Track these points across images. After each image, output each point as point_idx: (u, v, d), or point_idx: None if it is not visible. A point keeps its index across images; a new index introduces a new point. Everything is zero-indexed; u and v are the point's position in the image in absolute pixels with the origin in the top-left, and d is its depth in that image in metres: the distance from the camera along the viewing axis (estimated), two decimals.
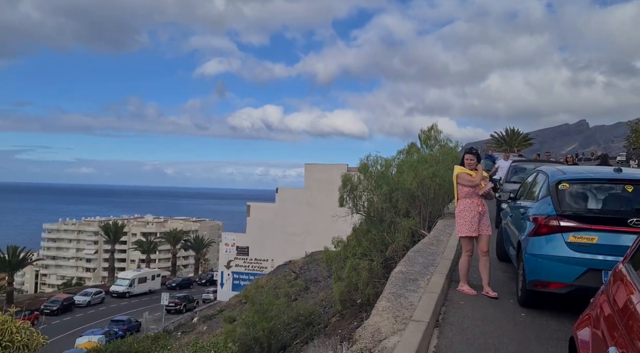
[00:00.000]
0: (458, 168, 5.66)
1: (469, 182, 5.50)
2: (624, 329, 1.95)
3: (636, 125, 38.48)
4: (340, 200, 13.07)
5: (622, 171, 4.89)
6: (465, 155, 5.64)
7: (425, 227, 12.32)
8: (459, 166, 5.66)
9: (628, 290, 2.08)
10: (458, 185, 5.64)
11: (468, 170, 5.54)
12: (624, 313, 2.00)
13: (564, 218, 4.58)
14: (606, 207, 4.66)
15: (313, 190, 45.25)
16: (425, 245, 8.31)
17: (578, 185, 4.87)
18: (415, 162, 12.44)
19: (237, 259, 47.30)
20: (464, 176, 5.52)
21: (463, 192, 5.58)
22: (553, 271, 4.55)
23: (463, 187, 5.57)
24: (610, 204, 4.67)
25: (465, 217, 5.48)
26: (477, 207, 5.47)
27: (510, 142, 49.24)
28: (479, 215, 5.46)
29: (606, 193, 4.76)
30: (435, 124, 18.78)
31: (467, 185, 5.52)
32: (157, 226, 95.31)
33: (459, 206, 5.62)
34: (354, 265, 12.19)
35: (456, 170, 5.67)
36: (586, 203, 4.73)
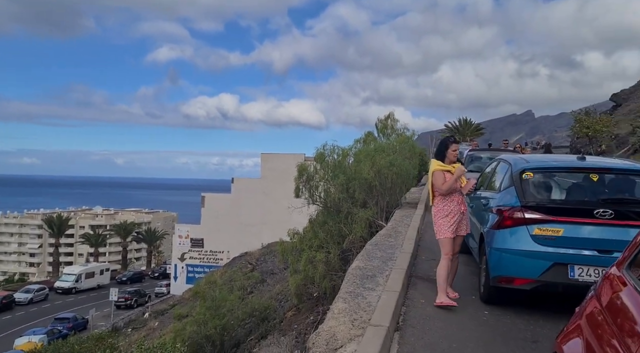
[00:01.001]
0: (435, 163, 4.84)
1: (442, 188, 4.69)
2: (625, 342, 1.62)
3: (579, 115, 40.09)
4: (296, 190, 12.62)
5: (585, 159, 4.70)
6: (449, 145, 4.79)
7: (382, 218, 12.08)
8: (436, 160, 4.84)
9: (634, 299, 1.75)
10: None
11: (447, 165, 4.76)
12: (627, 325, 1.67)
13: (529, 210, 4.33)
14: (571, 197, 4.44)
15: (269, 180, 44.51)
16: (384, 238, 8.01)
17: (542, 174, 4.63)
18: (372, 151, 12.15)
19: (192, 251, 46.06)
20: (439, 176, 4.72)
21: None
22: (517, 266, 4.30)
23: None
24: (576, 194, 4.45)
25: (446, 217, 4.75)
26: (458, 206, 4.75)
27: (464, 132, 50.32)
28: (461, 215, 4.77)
29: (571, 183, 4.54)
30: (392, 113, 18.60)
31: (441, 192, 4.73)
32: (107, 218, 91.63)
33: (437, 205, 4.83)
34: (310, 257, 11.82)
35: (432, 165, 4.88)
36: (551, 193, 4.50)
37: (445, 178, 4.73)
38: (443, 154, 4.82)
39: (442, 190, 4.71)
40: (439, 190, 4.74)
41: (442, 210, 4.78)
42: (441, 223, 4.78)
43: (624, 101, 45.49)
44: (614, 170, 4.48)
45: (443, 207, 4.78)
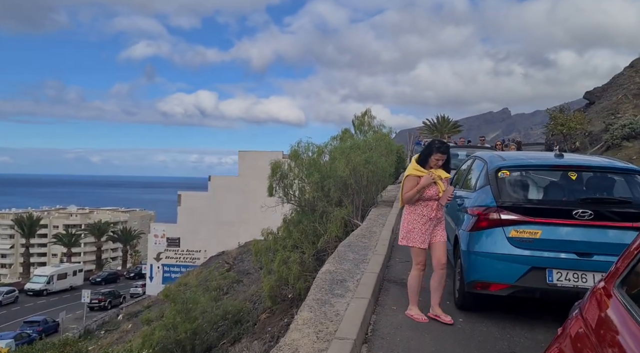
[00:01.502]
0: (412, 166, 4.32)
1: (404, 197, 4.26)
2: None
3: (554, 112, 40.68)
4: (270, 189, 12.25)
5: (563, 156, 4.47)
6: (433, 152, 4.20)
7: (358, 216, 11.82)
8: (414, 162, 4.33)
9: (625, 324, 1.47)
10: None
11: (421, 170, 4.21)
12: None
13: (505, 210, 4.07)
14: (549, 197, 4.20)
15: (247, 178, 43.88)
16: (357, 238, 7.72)
17: (519, 172, 4.38)
18: (347, 149, 11.85)
19: (168, 251, 45.16)
20: (410, 183, 4.22)
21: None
22: (493, 270, 4.04)
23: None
24: (554, 194, 4.22)
25: (415, 223, 4.23)
26: (431, 212, 4.21)
27: (441, 129, 50.55)
28: (434, 221, 4.25)
29: (549, 182, 4.31)
30: (369, 109, 18.35)
31: (404, 201, 4.30)
32: (82, 217, 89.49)
33: (406, 209, 4.34)
34: (284, 258, 11.48)
35: (409, 168, 4.37)
36: (528, 193, 4.25)
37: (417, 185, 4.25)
38: (425, 159, 4.26)
39: (403, 199, 4.27)
40: (401, 198, 4.32)
41: (412, 215, 4.26)
42: (410, 230, 4.27)
43: (597, 99, 46.29)
44: (593, 168, 4.26)
45: (414, 211, 4.26)
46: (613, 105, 43.01)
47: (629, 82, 44.54)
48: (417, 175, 4.22)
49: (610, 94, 46.03)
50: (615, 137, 30.46)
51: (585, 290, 3.87)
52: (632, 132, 31.69)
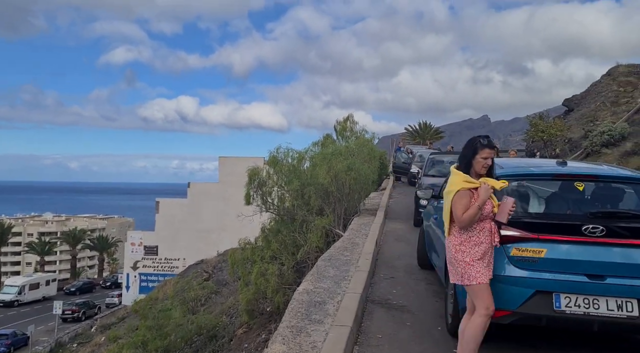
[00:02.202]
0: (458, 177, 3.32)
1: (462, 221, 3.24)
2: None
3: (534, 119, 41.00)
4: (247, 197, 11.64)
5: (567, 164, 4.01)
6: (478, 149, 3.32)
7: (340, 226, 11.29)
8: (458, 171, 3.35)
9: None
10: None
11: (474, 180, 3.27)
12: None
13: (505, 226, 3.58)
14: (554, 210, 3.72)
15: (228, 184, 42.96)
16: (338, 251, 7.18)
17: (519, 182, 3.90)
18: (329, 155, 11.34)
19: (145, 259, 43.93)
20: (463, 199, 3.23)
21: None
22: (494, 295, 3.53)
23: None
24: (560, 207, 3.74)
25: (474, 255, 3.25)
26: (488, 237, 3.31)
27: (423, 135, 50.57)
28: (493, 248, 3.34)
29: (552, 193, 3.83)
30: (351, 115, 17.94)
31: (460, 225, 3.28)
32: (58, 225, 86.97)
33: (455, 238, 3.32)
34: (261, 270, 10.88)
35: (454, 179, 3.34)
36: (530, 205, 3.77)
37: (473, 201, 3.24)
38: (469, 162, 3.32)
39: (462, 223, 3.25)
40: (458, 222, 3.29)
41: (467, 244, 3.28)
42: (469, 264, 3.24)
43: (576, 106, 46.86)
44: (602, 177, 3.79)
45: (468, 239, 3.28)
46: (592, 113, 43.51)
47: (606, 89, 45.17)
48: (470, 188, 3.26)
49: (589, 101, 46.62)
50: (595, 144, 30.63)
51: (597, 318, 3.44)
52: (611, 139, 31.93)
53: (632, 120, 35.36)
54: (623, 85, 45.16)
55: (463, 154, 3.41)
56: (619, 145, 30.21)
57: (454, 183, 3.33)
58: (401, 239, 8.56)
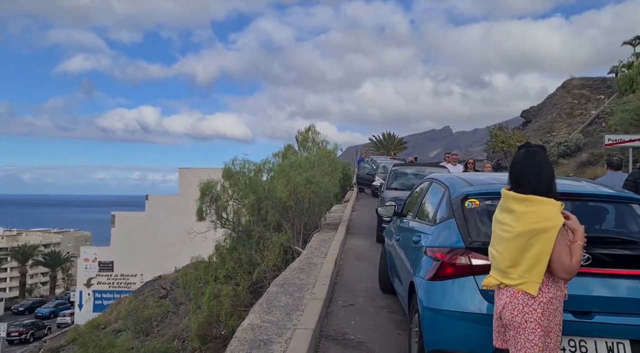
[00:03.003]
0: (553, 206, 2.39)
1: (573, 267, 2.36)
2: None
3: (494, 130, 41.86)
4: (199, 212, 10.86)
5: None
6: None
7: (299, 242, 10.66)
8: (550, 199, 2.40)
9: None
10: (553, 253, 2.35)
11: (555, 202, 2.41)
12: None
13: (477, 253, 3.05)
14: None
15: (188, 196, 41.41)
16: (294, 273, 6.54)
17: (492, 201, 3.39)
18: (287, 167, 10.72)
19: (100, 276, 41.82)
20: (564, 237, 2.38)
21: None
22: (463, 336, 3.00)
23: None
24: None
25: (554, 316, 2.40)
26: (563, 287, 2.47)
27: (387, 146, 50.76)
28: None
29: None
30: (313, 125, 17.39)
31: (570, 273, 2.37)
32: (9, 240, 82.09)
33: (548, 291, 2.39)
34: (214, 292, 10.10)
35: (552, 212, 2.38)
36: None
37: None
38: (549, 185, 2.44)
39: (573, 271, 2.37)
40: (565, 271, 2.35)
41: (556, 302, 2.41)
42: (548, 331, 2.37)
43: (533, 117, 48.19)
44: (586, 196, 3.34)
45: (555, 297, 2.41)
46: (548, 124, 44.83)
47: (561, 101, 46.70)
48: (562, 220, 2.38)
49: (545, 112, 48.06)
50: (552, 155, 31.32)
51: None
52: (567, 149, 32.79)
53: (586, 132, 36.51)
54: (577, 97, 46.80)
55: (537, 169, 2.41)
56: (575, 155, 30.96)
57: (553, 216, 2.33)
58: (362, 257, 8.01)
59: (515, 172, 2.56)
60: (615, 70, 48.10)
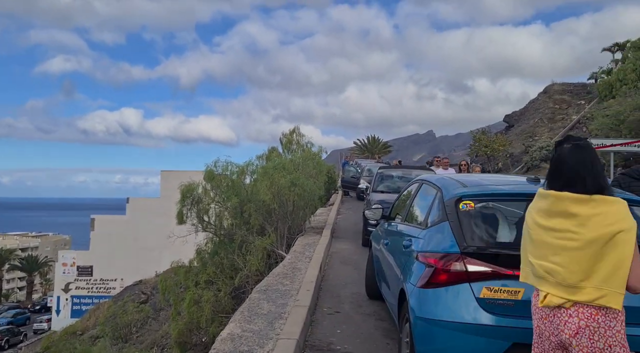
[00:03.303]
0: (624, 206, 2.04)
1: None
2: None
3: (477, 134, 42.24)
4: (179, 216, 10.54)
5: (540, 181, 3.36)
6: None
7: (283, 246, 10.40)
8: (614, 198, 2.06)
9: None
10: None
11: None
12: None
13: (473, 259, 2.85)
14: None
15: (170, 200, 40.76)
16: (277, 279, 6.29)
17: (487, 203, 3.20)
18: (270, 169, 10.46)
19: (78, 281, 40.83)
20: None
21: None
22: (458, 348, 2.79)
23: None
24: None
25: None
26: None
27: (372, 149, 50.83)
28: None
29: (523, 217, 3.16)
30: (297, 127, 17.20)
31: None
32: None
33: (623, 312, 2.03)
34: (195, 297, 9.78)
35: (626, 212, 2.02)
36: (502, 232, 3.06)
37: None
38: (607, 182, 2.12)
39: None
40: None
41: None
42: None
43: (516, 122, 48.73)
44: None
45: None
46: (530, 129, 45.36)
47: (543, 106, 47.33)
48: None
49: (528, 117, 48.65)
50: (535, 159, 31.63)
51: None
52: (549, 154, 33.10)
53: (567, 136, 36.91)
54: (558, 102, 47.50)
55: (592, 165, 2.10)
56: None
57: (626, 216, 2.00)
58: (348, 262, 7.79)
59: (564, 170, 2.13)
60: (595, 77, 48.98)
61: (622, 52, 41.91)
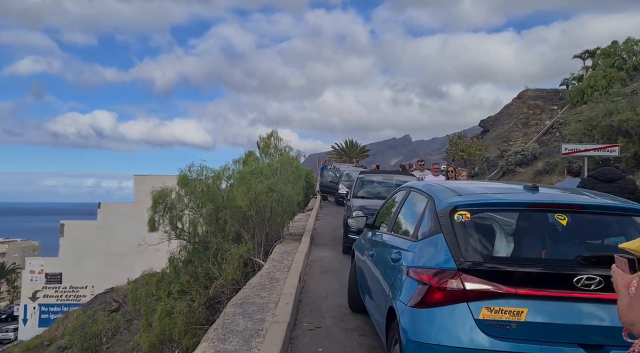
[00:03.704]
0: None
1: None
2: None
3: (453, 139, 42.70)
4: (151, 223, 10.06)
5: (539, 190, 3.13)
6: None
7: (260, 254, 10.02)
8: None
9: None
10: None
11: None
12: None
13: (471, 276, 2.59)
14: (530, 252, 2.79)
15: (144, 204, 39.76)
16: (254, 290, 5.94)
17: (485, 213, 2.95)
18: (247, 174, 10.09)
19: (47, 288, 39.37)
20: None
21: None
22: None
23: None
24: (534, 247, 2.82)
25: None
26: None
27: (350, 154, 50.81)
28: None
29: (520, 228, 2.91)
30: (275, 131, 16.79)
31: None
32: None
33: None
34: (167, 308, 9.32)
35: None
36: (496, 246, 2.81)
37: None
38: None
39: None
40: None
41: None
42: None
43: (491, 127, 49.45)
44: (590, 207, 2.95)
45: None
46: (505, 133, 46.06)
47: (517, 112, 48.16)
48: None
49: (502, 122, 49.41)
50: (510, 163, 32.04)
51: None
52: (524, 158, 33.65)
53: (541, 141, 37.65)
54: (532, 108, 48.39)
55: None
56: (532, 164, 31.72)
57: None
58: (329, 271, 7.49)
59: None
60: (566, 83, 50.19)
61: (592, 59, 43.03)
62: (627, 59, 38.97)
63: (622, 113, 23.44)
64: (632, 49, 39.11)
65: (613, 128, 23.84)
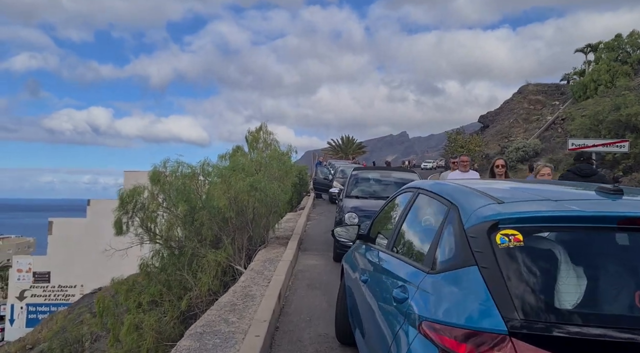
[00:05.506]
0: None
1: None
2: None
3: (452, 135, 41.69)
4: (117, 225, 8.95)
5: (623, 194, 1.98)
6: None
7: (242, 260, 8.93)
8: None
9: None
10: None
11: None
12: None
13: (531, 345, 1.48)
14: (624, 301, 1.69)
15: None
16: (222, 313, 4.83)
17: (543, 233, 1.84)
18: (227, 171, 8.98)
19: (34, 288, 38.24)
20: None
21: None
22: None
23: None
24: (628, 293, 1.70)
25: None
26: None
27: (346, 150, 49.80)
28: None
29: (610, 258, 1.80)
30: (265, 124, 15.66)
31: None
32: None
33: None
34: (135, 322, 8.22)
35: None
36: (559, 291, 1.69)
37: None
38: None
39: None
40: None
41: None
42: None
43: (491, 123, 48.43)
44: None
45: None
46: (506, 129, 45.01)
47: (518, 107, 47.09)
48: None
49: (503, 118, 48.35)
50: (511, 160, 31.03)
51: None
52: (525, 154, 32.61)
53: (542, 137, 36.63)
54: (533, 103, 47.31)
55: None
56: (534, 160, 30.70)
57: None
58: (316, 284, 6.40)
59: None
60: (567, 78, 49.08)
61: (594, 53, 41.97)
62: (632, 52, 37.90)
63: (631, 107, 22.37)
64: (636, 42, 38.07)
65: (621, 123, 22.77)
